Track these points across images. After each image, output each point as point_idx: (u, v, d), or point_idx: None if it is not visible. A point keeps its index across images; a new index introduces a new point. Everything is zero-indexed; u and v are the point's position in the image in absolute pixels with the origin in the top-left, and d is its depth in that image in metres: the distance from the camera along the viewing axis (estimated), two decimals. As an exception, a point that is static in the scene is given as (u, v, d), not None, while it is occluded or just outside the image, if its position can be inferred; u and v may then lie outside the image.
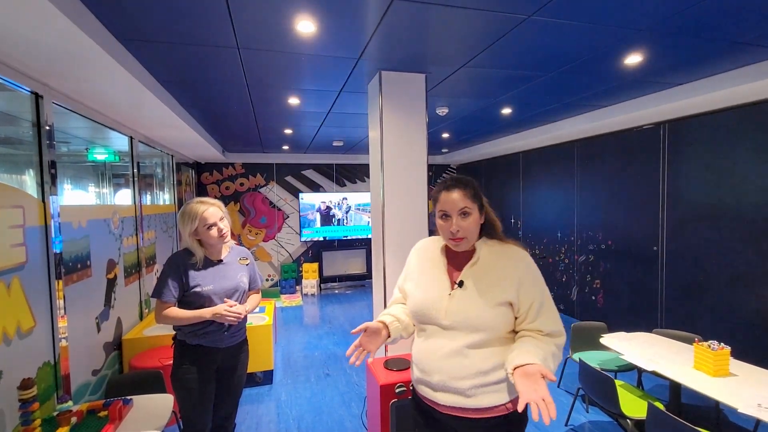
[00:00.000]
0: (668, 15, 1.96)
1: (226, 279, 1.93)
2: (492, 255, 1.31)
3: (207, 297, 1.87)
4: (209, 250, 1.94)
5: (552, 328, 1.25)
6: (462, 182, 1.31)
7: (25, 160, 2.24)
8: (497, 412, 1.24)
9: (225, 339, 1.92)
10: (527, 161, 5.94)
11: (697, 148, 3.51)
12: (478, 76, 2.90)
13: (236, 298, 1.95)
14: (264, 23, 1.98)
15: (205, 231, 1.86)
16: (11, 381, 1.78)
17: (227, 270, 1.96)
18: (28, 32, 1.59)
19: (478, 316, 1.24)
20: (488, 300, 1.25)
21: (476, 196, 1.31)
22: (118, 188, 4.98)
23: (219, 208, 1.92)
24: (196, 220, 1.84)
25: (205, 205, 1.88)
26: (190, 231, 1.85)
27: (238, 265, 2.03)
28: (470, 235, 1.29)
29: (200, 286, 1.86)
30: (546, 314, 1.26)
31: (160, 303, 1.82)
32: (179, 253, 1.92)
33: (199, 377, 1.87)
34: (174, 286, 1.83)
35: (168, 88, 2.96)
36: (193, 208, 1.86)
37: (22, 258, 1.94)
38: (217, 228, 1.88)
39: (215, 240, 1.90)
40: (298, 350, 4.49)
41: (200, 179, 6.76)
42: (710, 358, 2.26)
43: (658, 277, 3.88)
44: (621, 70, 2.79)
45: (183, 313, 1.82)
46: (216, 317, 1.82)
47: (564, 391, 3.40)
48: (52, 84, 2.24)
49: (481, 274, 1.28)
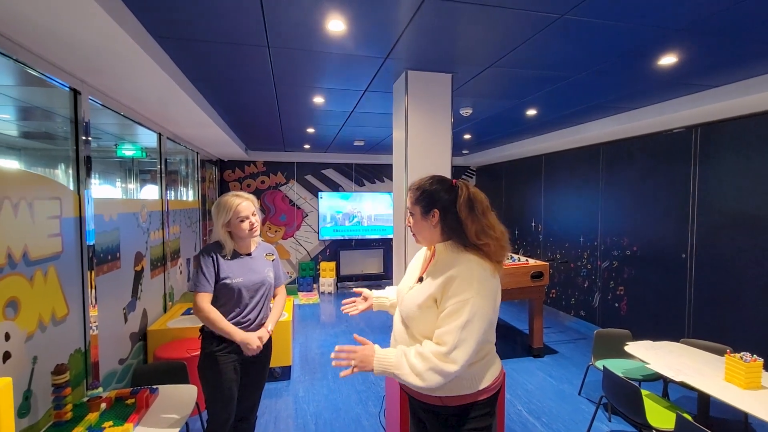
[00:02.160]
0: (709, 15, 1.89)
1: (254, 272, 2.00)
2: (448, 258, 1.33)
3: (236, 290, 1.93)
4: (238, 244, 2.00)
5: (439, 334, 1.22)
6: (414, 185, 1.43)
7: (62, 154, 2.32)
8: (433, 401, 1.32)
9: (249, 330, 1.98)
10: (550, 164, 5.84)
11: (731, 152, 3.39)
12: (505, 77, 2.86)
13: (263, 293, 2.02)
14: (295, 22, 2.00)
15: (237, 223, 1.93)
16: (45, 366, 1.84)
17: (255, 264, 2.03)
18: (70, 29, 1.65)
19: (407, 310, 1.35)
20: (419, 298, 1.32)
21: (419, 200, 1.37)
22: (144, 183, 5.12)
23: (252, 203, 1.99)
24: (231, 212, 1.91)
25: (240, 199, 1.95)
26: (224, 222, 1.92)
27: (264, 260, 2.09)
28: (418, 233, 1.41)
29: (230, 278, 1.92)
30: (444, 323, 1.22)
31: (198, 294, 1.89)
32: (210, 245, 1.98)
33: (225, 369, 1.92)
34: (209, 276, 1.90)
35: (197, 85, 3.02)
36: (228, 200, 1.93)
37: (59, 248, 2.01)
38: (249, 222, 1.95)
39: (245, 233, 1.96)
40: (315, 347, 4.52)
41: (223, 176, 6.88)
42: (742, 370, 2.18)
43: (687, 285, 3.76)
44: (654, 72, 2.72)
45: (217, 322, 1.88)
46: (243, 343, 1.89)
47: (585, 399, 3.33)
48: (89, 80, 2.31)
49: (433, 275, 1.34)
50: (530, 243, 6.34)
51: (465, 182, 1.39)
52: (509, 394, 3.38)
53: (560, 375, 3.78)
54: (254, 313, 2.00)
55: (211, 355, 1.93)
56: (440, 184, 1.38)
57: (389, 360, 1.25)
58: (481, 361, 1.32)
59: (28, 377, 1.74)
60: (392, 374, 1.25)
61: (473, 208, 1.31)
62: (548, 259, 5.71)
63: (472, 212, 1.31)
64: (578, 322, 5.23)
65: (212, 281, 1.91)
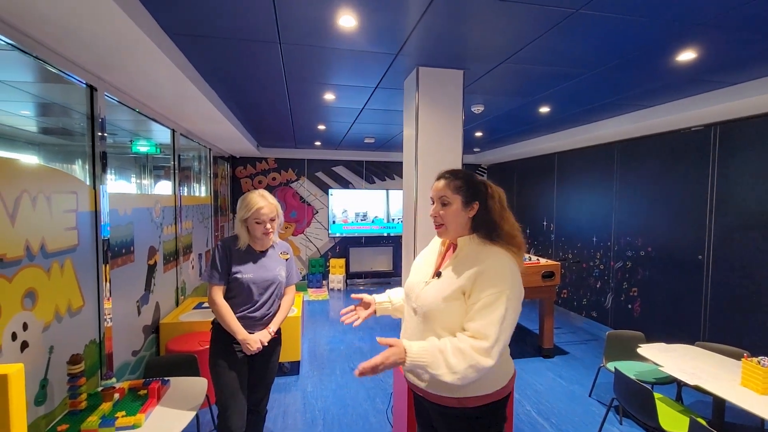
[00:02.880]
0: (731, 8, 1.84)
1: (265, 270, 2.02)
2: (472, 251, 1.32)
3: (246, 285, 1.97)
4: (254, 241, 2.04)
5: (476, 328, 1.19)
6: (452, 174, 1.38)
7: (78, 150, 2.37)
8: (451, 403, 1.28)
9: (257, 327, 2.01)
10: (562, 162, 5.76)
11: (752, 152, 3.29)
12: (518, 73, 2.83)
13: (273, 290, 2.04)
14: (307, 18, 2.00)
15: (253, 223, 1.96)
16: (61, 356, 1.89)
17: (268, 262, 2.06)
18: (87, 27, 1.67)
19: (430, 305, 1.29)
20: (444, 290, 1.28)
21: (461, 189, 1.34)
22: (158, 179, 5.20)
23: (275, 209, 2.01)
24: (250, 211, 1.93)
25: (264, 201, 1.96)
26: (242, 217, 1.96)
27: (278, 259, 2.12)
28: (449, 224, 1.35)
29: (241, 273, 1.96)
30: (481, 316, 1.19)
31: (211, 286, 1.95)
32: (228, 238, 2.03)
33: (234, 362, 1.96)
34: (222, 269, 1.95)
35: (210, 82, 3.05)
36: (253, 200, 1.95)
37: (75, 241, 2.05)
38: (265, 226, 1.97)
39: (258, 236, 2.00)
40: (324, 343, 4.55)
41: (235, 173, 6.95)
42: (759, 375, 2.13)
43: (703, 286, 3.67)
44: (672, 68, 2.65)
45: (224, 316, 1.92)
46: (243, 342, 1.92)
47: (597, 401, 3.29)
48: (105, 77, 2.35)
49: (456, 268, 1.31)
50: (542, 242, 6.27)
51: (487, 180, 1.42)
52: (518, 395, 3.35)
53: (570, 376, 3.74)
54: (263, 309, 2.01)
55: (221, 347, 1.97)
56: (476, 178, 1.39)
57: (423, 359, 1.18)
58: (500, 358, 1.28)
59: (44, 366, 1.79)
60: (424, 370, 1.20)
61: (504, 206, 1.36)
62: (560, 259, 5.65)
63: (503, 210, 1.35)
64: (590, 322, 5.16)
65: (224, 274, 1.95)
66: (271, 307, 2.06)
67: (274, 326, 2.04)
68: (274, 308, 2.08)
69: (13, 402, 0.98)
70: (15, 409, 0.99)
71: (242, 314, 1.97)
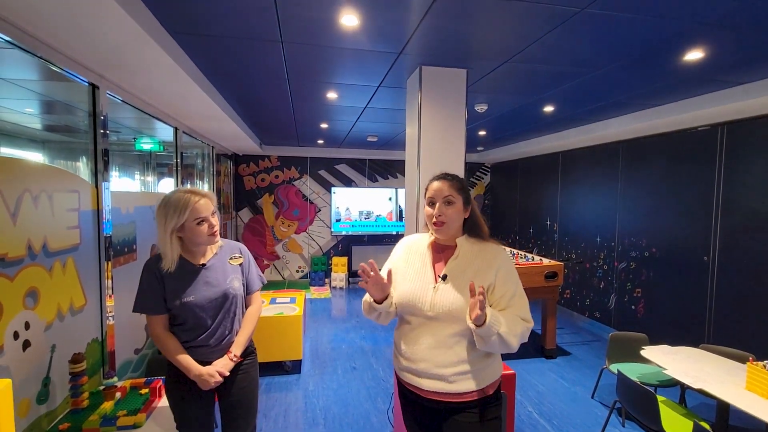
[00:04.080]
0: (740, 7, 1.81)
1: (211, 286, 1.62)
2: (472, 251, 1.42)
3: (191, 309, 1.58)
4: (190, 253, 1.64)
5: (523, 314, 1.35)
6: (450, 175, 1.46)
7: (80, 147, 2.37)
8: (474, 396, 1.35)
9: (216, 354, 1.64)
10: (566, 161, 5.72)
11: (759, 152, 3.25)
12: (522, 72, 2.80)
13: (227, 308, 1.66)
14: (309, 17, 1.99)
15: (194, 227, 1.56)
16: (63, 355, 1.89)
17: (212, 275, 1.65)
18: (89, 26, 1.67)
19: (460, 308, 1.32)
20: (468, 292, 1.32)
21: (461, 190, 1.42)
22: (161, 177, 5.21)
23: (211, 201, 1.63)
24: (186, 212, 1.53)
25: (197, 196, 1.58)
26: (174, 226, 1.54)
27: (228, 267, 1.70)
28: (451, 223, 1.39)
29: (179, 299, 1.56)
30: (518, 304, 1.36)
31: (149, 317, 1.59)
32: (150, 260, 1.62)
33: (191, 396, 1.62)
34: (156, 296, 1.57)
35: (213, 80, 3.04)
36: (182, 198, 1.55)
37: (77, 240, 2.05)
38: (209, 224, 1.59)
39: (204, 239, 1.59)
40: (325, 342, 4.55)
41: (237, 170, 6.96)
42: (765, 379, 2.10)
43: (708, 288, 3.64)
44: (678, 67, 2.62)
45: (170, 353, 1.58)
46: (197, 380, 1.57)
47: (599, 402, 3.27)
48: (107, 75, 2.35)
49: (462, 268, 1.39)
50: (545, 242, 6.24)
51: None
52: (520, 395, 3.34)
53: (573, 377, 3.72)
54: (218, 333, 1.64)
55: (174, 383, 1.63)
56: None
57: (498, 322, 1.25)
58: None
59: (47, 365, 1.79)
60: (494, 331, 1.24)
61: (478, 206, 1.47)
62: (563, 259, 5.61)
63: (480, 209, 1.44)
64: (592, 323, 5.13)
65: (159, 302, 1.57)
66: (230, 327, 1.68)
67: (236, 349, 1.66)
68: (235, 328, 1.70)
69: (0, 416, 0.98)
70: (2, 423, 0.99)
71: (194, 343, 1.60)
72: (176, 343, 1.59)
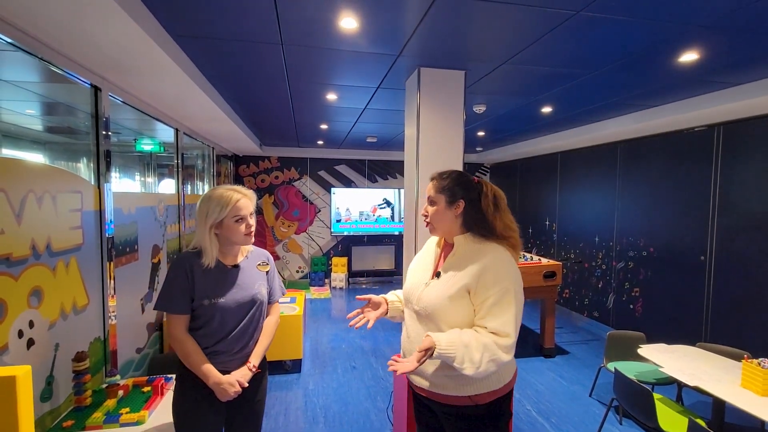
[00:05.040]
0: (734, 9, 1.83)
1: (241, 289, 1.58)
2: (471, 250, 1.35)
3: (218, 312, 1.52)
4: (225, 252, 1.59)
5: (497, 326, 1.22)
6: (439, 174, 1.42)
7: (82, 148, 2.40)
8: (463, 402, 1.29)
9: (234, 363, 1.57)
10: (565, 162, 5.75)
11: (755, 152, 3.28)
12: (519, 74, 2.83)
13: (253, 314, 1.61)
14: (308, 19, 2.02)
15: (232, 224, 1.53)
16: (66, 353, 1.92)
17: (243, 278, 1.61)
18: (91, 28, 1.69)
19: (435, 305, 1.30)
20: (449, 289, 1.30)
21: (444, 189, 1.37)
22: (161, 177, 5.23)
23: (252, 201, 1.60)
24: (227, 209, 1.51)
25: (240, 194, 1.55)
26: (214, 221, 1.51)
27: (256, 272, 1.67)
28: (435, 223, 1.39)
29: (209, 298, 1.51)
30: (496, 313, 1.24)
31: (170, 317, 1.50)
32: (186, 254, 1.55)
33: (205, 410, 1.53)
34: (183, 293, 1.49)
35: (213, 82, 3.07)
36: (225, 194, 1.53)
37: (79, 240, 2.08)
38: (247, 223, 1.56)
39: (241, 238, 1.56)
40: (325, 341, 4.57)
41: (238, 171, 6.99)
42: (759, 376, 2.13)
43: (705, 287, 3.67)
44: (674, 69, 2.65)
45: (190, 356, 1.49)
46: (217, 387, 1.49)
47: (597, 401, 3.29)
48: (109, 77, 2.38)
49: (456, 267, 1.34)
50: (544, 242, 6.26)
51: (485, 180, 1.43)
52: (518, 394, 3.37)
53: (571, 376, 3.75)
54: (241, 341, 1.58)
55: (188, 393, 1.53)
56: (465, 177, 1.42)
57: (451, 352, 1.19)
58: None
59: (50, 363, 1.82)
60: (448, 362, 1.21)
61: (498, 205, 1.37)
62: (562, 259, 5.64)
63: (497, 209, 1.37)
64: (591, 322, 5.16)
65: (186, 301, 1.50)
66: (252, 336, 1.62)
67: (255, 360, 1.60)
68: (255, 337, 1.63)
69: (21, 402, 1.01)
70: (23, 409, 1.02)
71: (214, 349, 1.52)
72: (197, 346, 1.50)
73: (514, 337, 1.22)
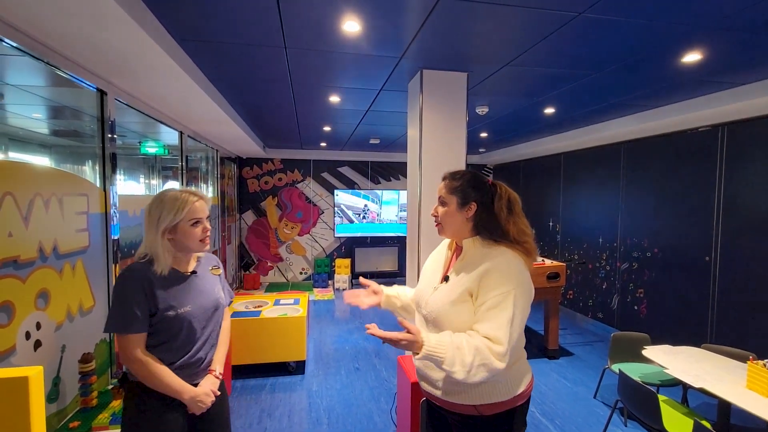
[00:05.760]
0: (738, 10, 1.83)
1: (204, 295, 1.47)
2: (477, 253, 1.30)
3: (185, 321, 1.38)
4: (179, 259, 1.46)
5: (488, 331, 1.16)
6: (452, 175, 1.37)
7: (88, 152, 2.42)
8: (469, 411, 1.26)
9: (200, 374, 1.46)
10: (569, 163, 5.74)
11: (759, 152, 3.26)
12: (522, 75, 2.83)
13: (215, 320, 1.52)
14: (312, 23, 2.03)
15: (187, 228, 1.41)
16: (73, 355, 1.94)
17: (204, 283, 1.50)
18: (97, 34, 1.72)
19: (439, 310, 1.27)
20: (452, 294, 1.27)
21: (457, 190, 1.32)
22: (166, 180, 5.26)
23: (207, 204, 1.50)
24: (183, 211, 1.39)
25: (196, 197, 1.44)
26: (168, 225, 1.38)
27: (211, 276, 1.57)
28: (445, 224, 1.35)
29: (174, 309, 1.36)
30: (491, 318, 1.17)
31: (126, 338, 1.30)
32: (136, 266, 1.38)
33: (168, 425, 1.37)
34: (143, 310, 1.32)
35: (217, 85, 3.09)
36: (180, 196, 1.41)
37: (86, 242, 2.10)
38: (204, 227, 1.45)
39: (195, 243, 1.44)
40: (329, 343, 4.58)
41: (241, 173, 7.02)
42: (765, 377, 2.11)
43: (710, 288, 3.65)
44: (677, 69, 2.64)
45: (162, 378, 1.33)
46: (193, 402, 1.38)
47: (601, 402, 3.28)
48: (115, 81, 2.41)
49: (462, 271, 1.29)
50: (548, 243, 6.25)
51: (500, 182, 1.36)
52: (522, 395, 3.35)
53: (575, 377, 3.73)
54: (205, 348, 1.47)
55: (144, 411, 1.35)
56: (479, 178, 1.35)
57: (440, 353, 1.14)
58: (517, 363, 1.28)
59: (57, 365, 1.84)
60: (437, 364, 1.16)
61: (512, 209, 1.32)
62: (566, 260, 5.63)
63: (511, 213, 1.31)
64: (595, 324, 5.14)
65: (146, 316, 1.33)
66: (215, 341, 1.54)
67: (220, 366, 1.52)
68: (215, 342, 1.55)
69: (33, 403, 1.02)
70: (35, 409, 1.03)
71: (181, 363, 1.39)
72: (161, 364, 1.34)
73: (507, 345, 1.14)
